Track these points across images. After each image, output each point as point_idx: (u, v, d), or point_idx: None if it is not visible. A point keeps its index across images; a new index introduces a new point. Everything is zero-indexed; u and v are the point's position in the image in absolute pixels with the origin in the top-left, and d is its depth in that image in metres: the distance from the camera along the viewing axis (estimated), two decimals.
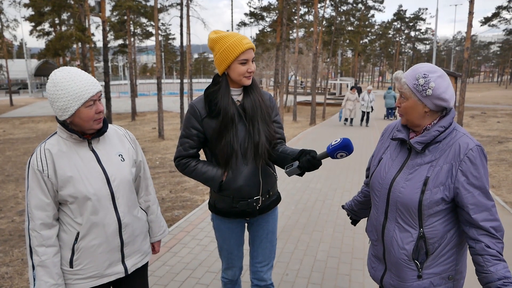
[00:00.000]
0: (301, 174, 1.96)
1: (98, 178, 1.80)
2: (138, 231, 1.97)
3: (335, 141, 1.83)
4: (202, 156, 2.26)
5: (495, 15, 37.46)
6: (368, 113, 16.40)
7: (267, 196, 2.23)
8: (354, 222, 2.31)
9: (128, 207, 1.90)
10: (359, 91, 33.22)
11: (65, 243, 1.80)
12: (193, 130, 2.12)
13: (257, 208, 2.20)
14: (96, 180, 1.79)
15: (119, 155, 1.91)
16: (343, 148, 1.80)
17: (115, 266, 1.89)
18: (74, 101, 1.69)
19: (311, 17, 29.79)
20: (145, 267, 2.11)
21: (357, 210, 2.22)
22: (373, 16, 52.21)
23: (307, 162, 1.87)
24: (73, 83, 1.69)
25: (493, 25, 38.74)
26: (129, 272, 1.95)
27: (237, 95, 2.12)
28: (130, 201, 1.92)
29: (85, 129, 1.78)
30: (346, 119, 16.84)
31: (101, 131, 1.85)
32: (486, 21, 38.43)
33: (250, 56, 2.02)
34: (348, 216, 2.33)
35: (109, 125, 1.97)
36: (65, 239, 1.80)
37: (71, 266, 1.80)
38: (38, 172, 1.73)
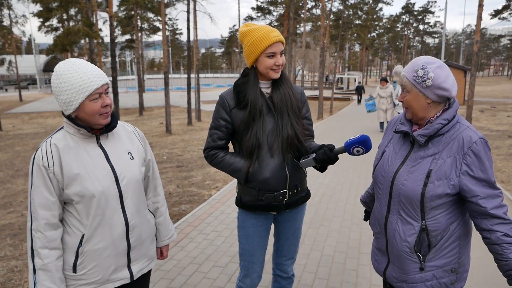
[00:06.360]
0: (321, 170, 1.95)
1: (107, 176, 1.69)
2: (145, 234, 1.86)
3: (354, 136, 1.86)
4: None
5: (506, 7, 36.89)
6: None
7: (295, 191, 2.18)
8: (367, 215, 2.25)
9: (137, 208, 1.80)
10: (361, 91, 27.12)
11: (68, 246, 1.68)
12: (222, 121, 2.13)
13: (284, 202, 2.16)
14: (104, 178, 1.68)
15: (128, 153, 1.80)
16: (361, 143, 1.83)
17: (120, 271, 1.78)
18: (77, 94, 1.59)
19: (318, 11, 29.57)
20: (149, 272, 2.00)
21: (368, 202, 2.21)
22: (381, 9, 52.03)
23: (323, 154, 1.90)
24: (76, 75, 1.59)
25: (503, 18, 38.16)
26: (134, 278, 1.83)
27: (266, 87, 2.12)
28: (138, 202, 1.81)
29: (91, 124, 1.67)
30: (381, 124, 12.38)
31: (110, 127, 1.73)
32: (496, 13, 37.88)
33: (278, 49, 2.00)
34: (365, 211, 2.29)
35: (118, 121, 1.86)
36: (68, 242, 1.68)
37: (74, 271, 1.69)
38: (44, 168, 1.62)
